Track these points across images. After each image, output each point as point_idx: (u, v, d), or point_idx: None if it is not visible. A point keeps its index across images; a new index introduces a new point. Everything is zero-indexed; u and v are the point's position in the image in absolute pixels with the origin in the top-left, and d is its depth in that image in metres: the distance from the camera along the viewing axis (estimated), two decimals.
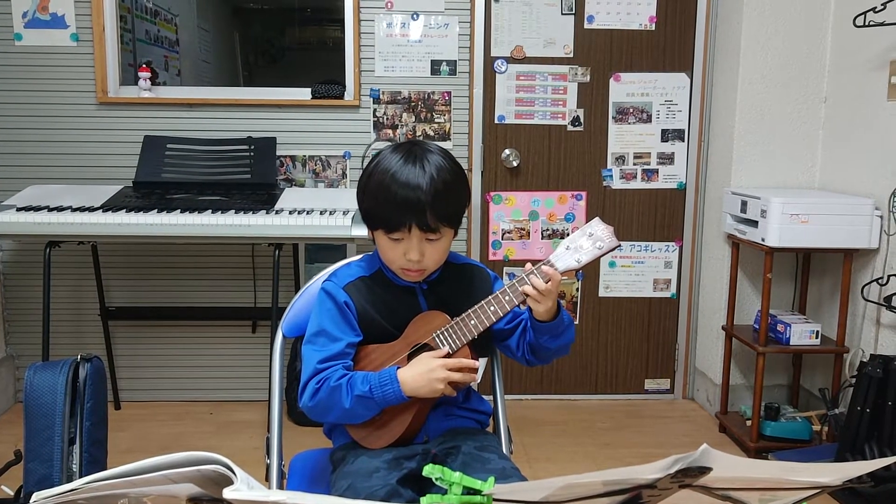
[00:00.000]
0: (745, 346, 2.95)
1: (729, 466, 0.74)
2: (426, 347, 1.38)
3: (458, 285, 1.46)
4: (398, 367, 1.34)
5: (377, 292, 1.43)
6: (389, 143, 1.55)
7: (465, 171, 1.44)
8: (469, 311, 1.36)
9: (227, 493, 0.69)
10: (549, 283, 1.31)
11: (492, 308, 1.35)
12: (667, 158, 3.30)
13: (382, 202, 1.34)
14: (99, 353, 2.04)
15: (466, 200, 1.43)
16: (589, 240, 1.33)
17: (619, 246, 1.37)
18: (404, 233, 1.34)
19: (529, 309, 1.37)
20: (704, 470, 0.73)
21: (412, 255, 1.35)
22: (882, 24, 2.57)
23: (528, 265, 1.34)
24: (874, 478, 2.23)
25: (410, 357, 1.38)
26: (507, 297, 1.34)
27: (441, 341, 1.36)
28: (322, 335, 1.39)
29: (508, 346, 1.48)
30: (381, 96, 3.20)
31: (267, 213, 2.69)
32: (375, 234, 1.40)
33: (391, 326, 1.41)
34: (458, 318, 1.36)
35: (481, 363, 1.44)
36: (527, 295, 1.32)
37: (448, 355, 1.35)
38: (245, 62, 5.91)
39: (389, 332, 1.41)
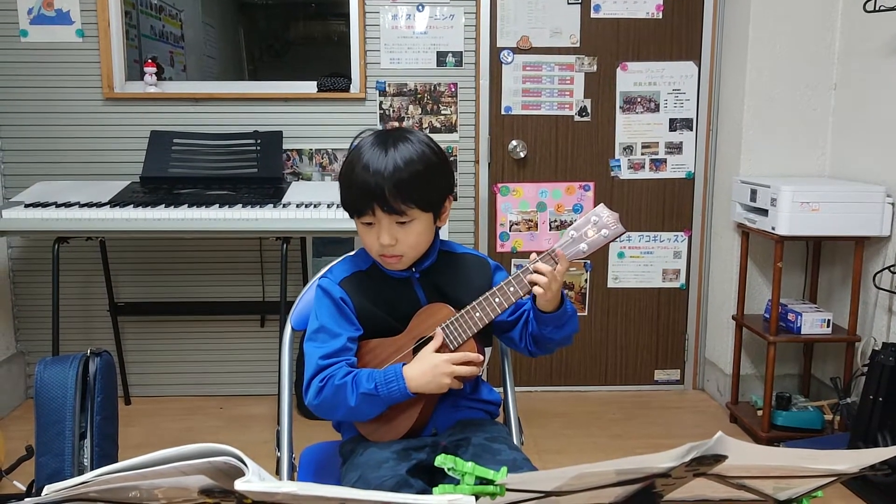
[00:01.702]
0: (755, 335, 2.93)
1: (744, 454, 0.73)
2: (431, 341, 1.37)
3: (454, 274, 1.45)
4: (403, 364, 1.33)
5: (373, 286, 1.42)
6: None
7: (447, 158, 1.41)
8: (474, 303, 1.34)
9: (239, 485, 0.69)
10: (556, 270, 1.29)
11: (497, 300, 1.33)
12: (675, 148, 3.28)
13: (348, 187, 1.35)
14: (108, 349, 2.04)
15: (443, 185, 1.39)
16: (594, 227, 1.31)
17: (625, 232, 1.35)
18: (371, 216, 1.33)
19: (533, 299, 1.35)
20: (720, 458, 0.72)
21: (384, 239, 1.33)
22: (893, 9, 2.54)
23: (534, 255, 1.33)
24: (890, 466, 2.21)
25: (416, 351, 1.37)
26: (511, 289, 1.33)
27: (446, 334, 1.35)
28: (322, 332, 1.39)
29: (511, 337, 1.46)
30: (387, 88, 3.19)
31: (274, 206, 2.68)
32: (356, 223, 1.40)
33: (392, 319, 1.40)
34: (462, 311, 1.35)
35: (487, 353, 1.43)
36: (533, 284, 1.31)
37: (445, 345, 1.34)
38: (250, 58, 5.90)
39: (391, 324, 1.40)
